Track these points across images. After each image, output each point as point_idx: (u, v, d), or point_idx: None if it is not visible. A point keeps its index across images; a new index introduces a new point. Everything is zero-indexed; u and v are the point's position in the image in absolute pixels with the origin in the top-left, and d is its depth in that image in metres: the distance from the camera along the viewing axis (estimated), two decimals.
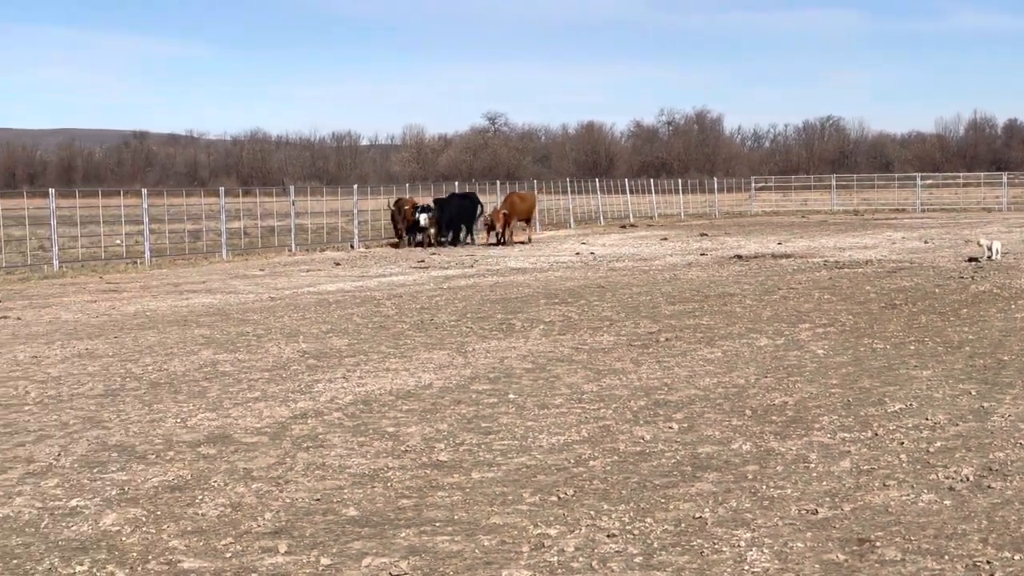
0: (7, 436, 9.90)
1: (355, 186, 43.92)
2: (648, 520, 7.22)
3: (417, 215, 36.08)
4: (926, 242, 33.51)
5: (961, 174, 80.00)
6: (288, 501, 7.80)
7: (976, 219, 49.06)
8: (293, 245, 36.79)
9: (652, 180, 67.04)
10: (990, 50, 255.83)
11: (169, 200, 49.02)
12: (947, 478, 7.99)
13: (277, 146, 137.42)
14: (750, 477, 8.17)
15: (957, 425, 9.59)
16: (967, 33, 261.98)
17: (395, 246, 36.79)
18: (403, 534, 7.02)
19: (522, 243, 38.01)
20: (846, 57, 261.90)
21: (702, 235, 40.73)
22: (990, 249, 26.29)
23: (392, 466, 8.67)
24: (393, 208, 37.28)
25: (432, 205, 37.06)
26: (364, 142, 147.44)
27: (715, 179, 70.50)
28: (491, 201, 42.09)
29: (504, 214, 37.56)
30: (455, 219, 37.56)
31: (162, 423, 10.32)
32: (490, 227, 37.82)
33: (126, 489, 8.18)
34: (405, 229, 36.78)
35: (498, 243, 37.36)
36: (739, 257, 29.21)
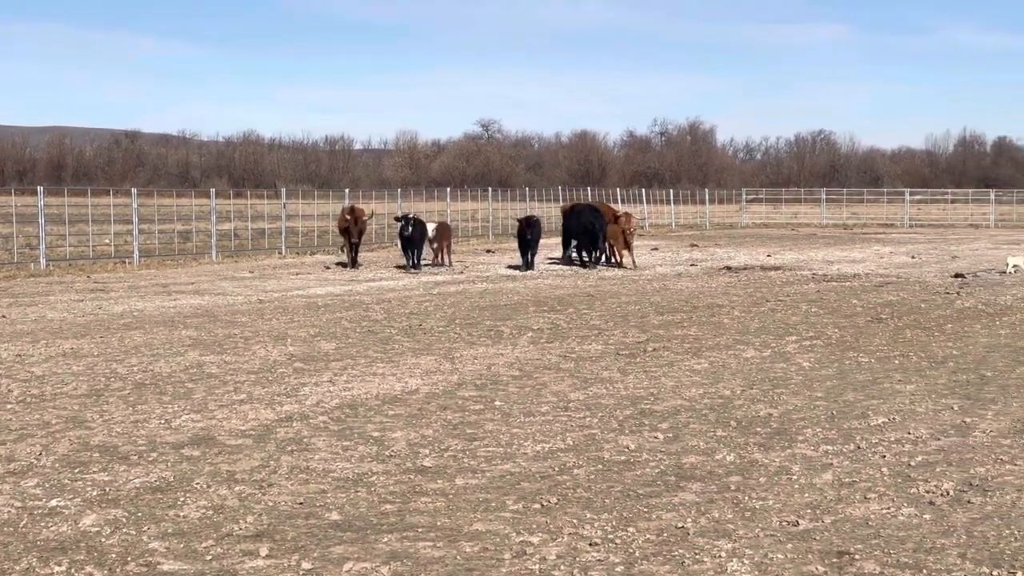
0: None
1: (347, 190, 43.94)
2: (631, 529, 7.23)
3: (404, 227, 29.29)
4: (913, 257, 33.60)
5: (949, 190, 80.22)
6: (271, 504, 7.80)
7: (963, 235, 49.20)
8: (283, 248, 36.80)
9: (644, 190, 67.19)
10: (980, 68, 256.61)
11: (159, 200, 48.99)
12: (928, 492, 8.02)
13: (270, 148, 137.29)
14: (733, 488, 8.19)
15: (939, 440, 9.62)
16: (958, 50, 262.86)
17: (345, 264, 30.96)
18: (385, 539, 7.03)
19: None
20: (839, 72, 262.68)
21: (692, 246, 40.82)
22: (1014, 268, 27.22)
23: (376, 471, 8.68)
24: (348, 217, 30.73)
25: (411, 215, 30.46)
26: (357, 146, 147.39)
27: (707, 190, 70.67)
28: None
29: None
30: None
31: (146, 424, 10.31)
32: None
33: (107, 490, 8.17)
34: (350, 242, 30.78)
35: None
36: (728, 268, 29.27)
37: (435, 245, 30.72)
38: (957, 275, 26.24)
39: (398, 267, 29.01)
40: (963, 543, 6.92)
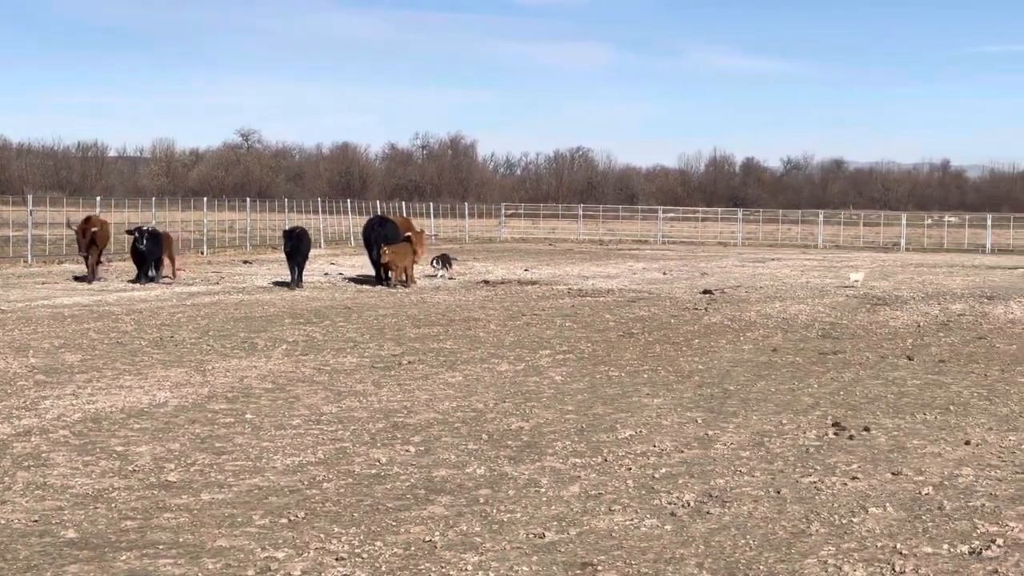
0: None
1: (98, 198, 42.66)
2: (378, 543, 7.22)
3: (138, 239, 27.43)
4: (665, 273, 34.57)
5: (700, 209, 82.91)
6: (3, 522, 7.49)
7: (713, 253, 50.89)
8: (29, 256, 35.42)
9: (404, 203, 67.26)
10: (730, 90, 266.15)
11: None
12: (670, 503, 8.25)
13: (17, 153, 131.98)
14: (482, 501, 8.26)
15: (683, 452, 9.91)
16: (710, 73, 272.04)
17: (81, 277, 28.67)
18: (124, 557, 6.83)
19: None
20: (598, 90, 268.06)
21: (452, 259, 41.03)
22: (858, 283, 29.24)
23: (118, 486, 8.43)
24: (76, 229, 28.35)
25: (146, 228, 28.56)
26: (112, 153, 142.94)
27: (467, 204, 71.19)
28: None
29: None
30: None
31: None
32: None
33: None
34: (87, 252, 28.18)
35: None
36: (486, 282, 29.54)
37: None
38: (706, 291, 27.11)
39: (130, 281, 27.62)
40: (701, 553, 7.14)
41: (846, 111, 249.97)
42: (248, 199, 50.84)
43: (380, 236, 28.00)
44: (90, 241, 27.85)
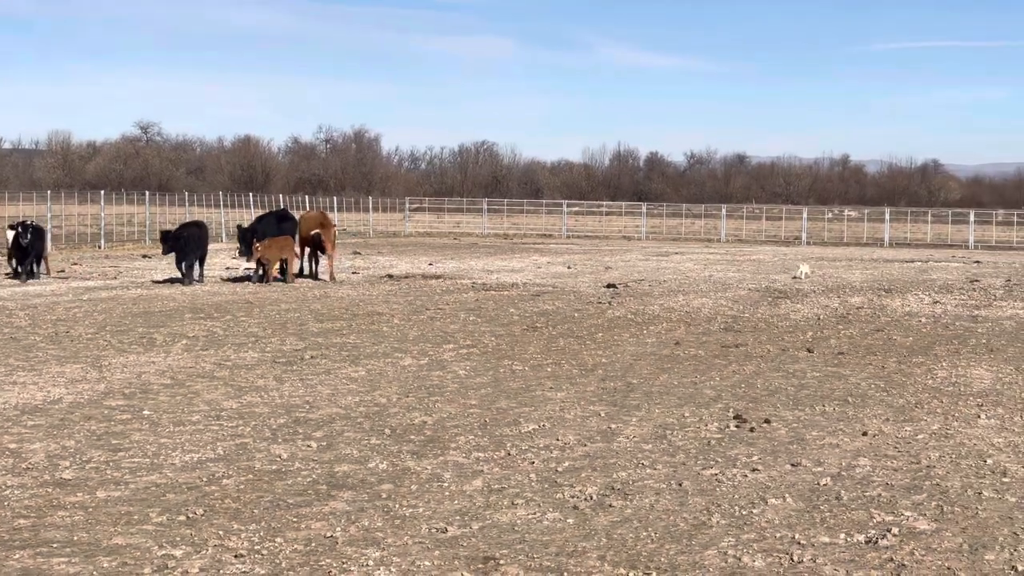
0: None
1: None
2: (278, 539, 7.14)
3: (21, 234, 25.91)
4: (569, 267, 34.68)
5: (605, 203, 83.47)
6: None
7: (617, 247, 51.18)
8: None
9: (308, 197, 66.80)
10: (634, 86, 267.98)
11: None
12: (572, 497, 8.26)
13: None
14: (384, 496, 8.21)
15: (585, 446, 9.94)
16: (614, 68, 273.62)
17: None
18: (17, 556, 6.68)
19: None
20: (502, 84, 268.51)
21: (355, 253, 40.82)
22: (805, 275, 30.29)
23: (11, 484, 8.25)
24: None
25: (29, 222, 26.87)
26: (6, 145, 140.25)
27: (371, 198, 70.87)
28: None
29: None
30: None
31: None
32: None
33: None
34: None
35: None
36: (390, 277, 29.42)
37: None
38: (609, 285, 27.24)
39: (7, 275, 26.88)
40: (603, 545, 7.16)
41: (748, 107, 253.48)
42: (147, 192, 50.12)
43: (272, 230, 27.26)
44: None
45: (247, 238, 26.82)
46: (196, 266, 26.48)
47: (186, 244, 26.03)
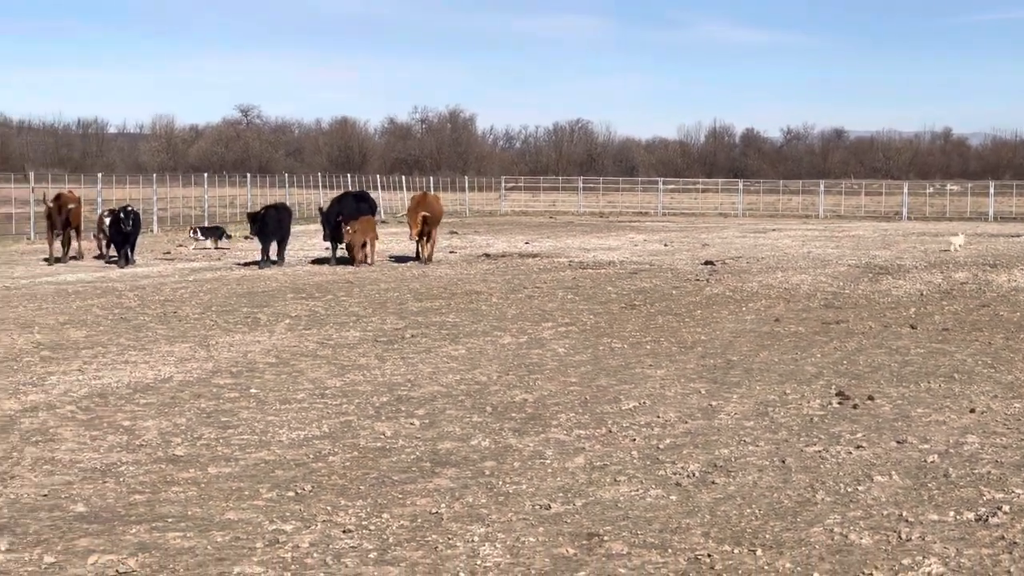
0: None
1: (99, 174, 42.61)
2: (385, 515, 7.24)
3: (123, 220, 25.77)
4: (666, 245, 34.57)
5: (701, 180, 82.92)
6: (12, 497, 7.52)
7: (713, 224, 50.90)
8: (32, 233, 35.38)
9: (404, 177, 67.21)
10: (730, 62, 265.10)
11: None
12: (675, 474, 8.27)
13: (18, 131, 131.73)
14: (487, 473, 8.29)
15: (686, 423, 9.94)
16: (709, 44, 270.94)
17: (48, 260, 26.94)
18: (133, 530, 6.86)
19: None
20: (597, 63, 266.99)
21: (452, 233, 41.02)
22: (958, 247, 31.01)
23: (126, 461, 8.46)
24: (51, 204, 26.68)
25: (129, 208, 26.56)
26: (112, 130, 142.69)
27: (467, 178, 71.10)
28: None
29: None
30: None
31: None
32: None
33: None
34: (62, 230, 27.01)
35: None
36: (487, 256, 29.54)
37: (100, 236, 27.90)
38: (707, 262, 27.12)
39: (108, 261, 26.75)
40: (707, 522, 7.17)
41: (846, 81, 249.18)
42: (248, 175, 50.79)
43: (351, 211, 26.58)
44: (65, 219, 26.70)
45: (330, 219, 26.55)
46: (275, 248, 26.17)
47: (266, 226, 25.88)
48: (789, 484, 8.02)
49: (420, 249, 27.40)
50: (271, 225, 26.08)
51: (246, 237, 32.87)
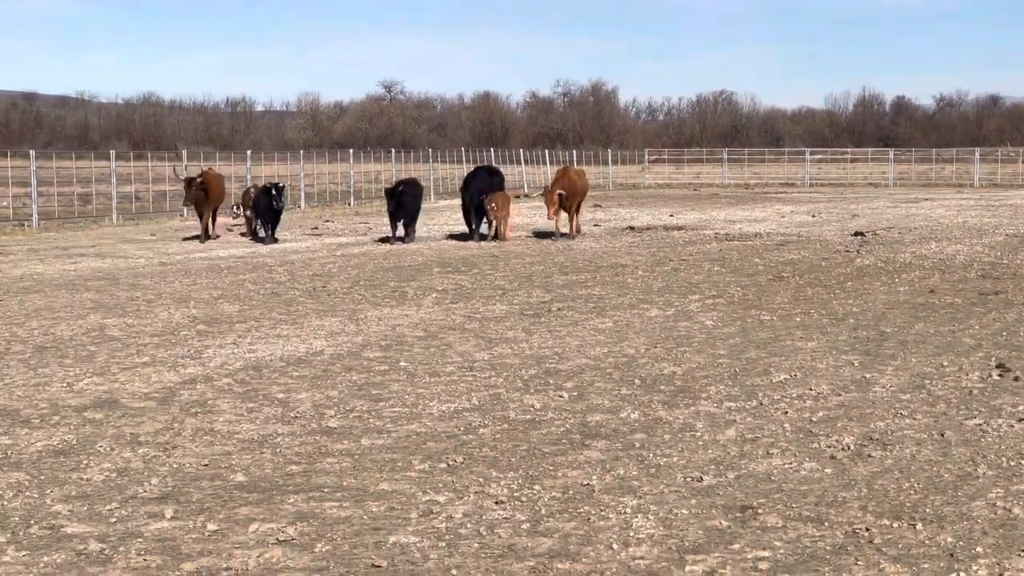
0: None
1: (248, 152, 43.44)
2: (536, 487, 7.27)
3: (276, 197, 25.76)
4: (814, 216, 34.03)
5: (849, 150, 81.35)
6: (175, 467, 7.72)
7: (863, 194, 49.93)
8: (185, 211, 36.25)
9: (547, 151, 67.24)
10: (878, 28, 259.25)
11: (58, 163, 47.90)
12: (829, 447, 8.15)
13: (170, 110, 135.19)
14: (638, 445, 8.26)
15: (839, 395, 9.78)
16: (856, 11, 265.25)
17: (198, 237, 27.06)
18: (291, 500, 6.99)
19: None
20: (740, 33, 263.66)
21: (596, 206, 40.93)
22: None
23: (281, 432, 8.63)
24: (198, 182, 26.89)
25: (279, 183, 26.40)
26: (259, 108, 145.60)
27: (609, 151, 70.86)
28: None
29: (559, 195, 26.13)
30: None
31: (47, 387, 10.14)
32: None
33: (9, 453, 8.04)
34: (203, 209, 27.27)
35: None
36: (632, 228, 29.44)
37: (248, 213, 28.00)
38: (857, 233, 26.64)
39: (254, 239, 27.08)
40: (864, 496, 7.05)
41: (1002, 44, 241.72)
42: (392, 150, 51.31)
43: (487, 186, 26.30)
44: (202, 195, 26.69)
45: (473, 197, 26.04)
46: (403, 225, 25.88)
47: (401, 206, 25.60)
48: (949, 458, 7.84)
49: (557, 226, 26.56)
50: (407, 204, 25.84)
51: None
